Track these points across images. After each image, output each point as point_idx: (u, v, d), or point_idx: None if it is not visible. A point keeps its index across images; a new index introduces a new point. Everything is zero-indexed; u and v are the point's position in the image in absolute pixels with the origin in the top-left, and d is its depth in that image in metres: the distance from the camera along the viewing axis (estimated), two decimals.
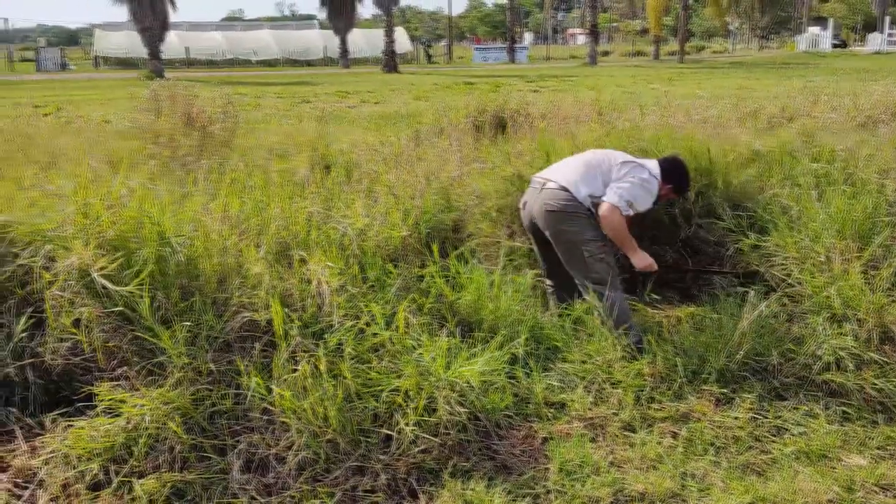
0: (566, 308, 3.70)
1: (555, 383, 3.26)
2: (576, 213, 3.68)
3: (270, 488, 2.63)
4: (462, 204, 4.64)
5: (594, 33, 38.99)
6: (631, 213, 3.73)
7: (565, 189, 3.72)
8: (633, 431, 3.04)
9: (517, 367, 3.26)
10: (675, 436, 3.02)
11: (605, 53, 49.53)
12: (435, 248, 3.77)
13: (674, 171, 3.94)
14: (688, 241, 4.55)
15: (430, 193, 4.63)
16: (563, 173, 3.83)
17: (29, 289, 3.09)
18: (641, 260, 3.76)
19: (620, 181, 3.73)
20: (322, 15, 41.05)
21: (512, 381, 3.19)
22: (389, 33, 34.30)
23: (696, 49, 55.50)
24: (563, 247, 3.73)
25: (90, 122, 8.85)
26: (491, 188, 4.52)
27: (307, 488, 2.62)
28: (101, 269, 2.84)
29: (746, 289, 3.65)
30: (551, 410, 3.14)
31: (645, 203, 3.78)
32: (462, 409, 2.86)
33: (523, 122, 6.64)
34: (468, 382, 2.96)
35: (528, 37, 78.19)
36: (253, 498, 2.57)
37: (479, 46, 55.52)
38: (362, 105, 15.75)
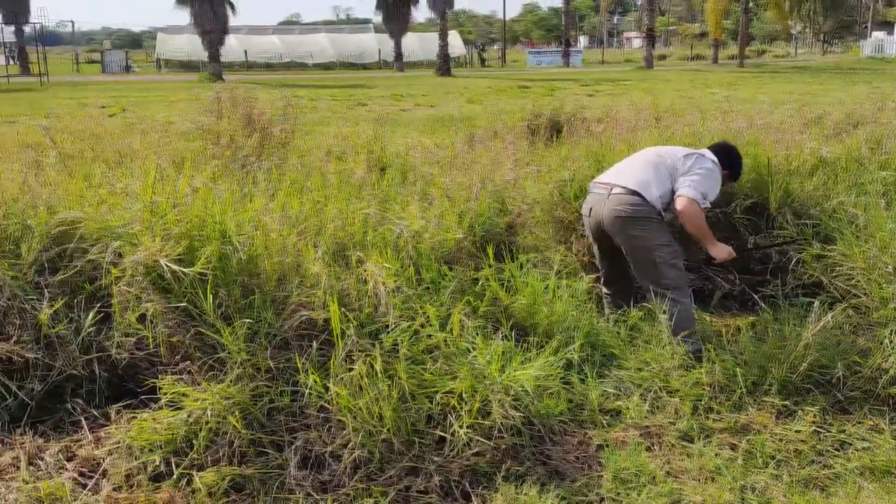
0: (622, 315, 3.66)
1: (610, 390, 3.22)
2: (647, 218, 3.62)
3: (326, 485, 2.66)
4: (517, 208, 4.63)
5: (651, 37, 38.49)
6: (707, 204, 3.65)
7: (636, 193, 3.65)
8: (691, 442, 2.98)
9: (572, 372, 3.23)
10: (734, 447, 2.95)
11: (662, 57, 48.86)
12: (490, 250, 3.76)
13: (728, 157, 3.93)
14: (749, 250, 4.45)
15: (484, 197, 4.64)
16: (630, 176, 3.75)
17: (97, 284, 3.18)
18: (721, 251, 3.68)
19: (690, 174, 3.65)
20: (377, 19, 41.47)
21: (566, 386, 3.17)
22: (443, 37, 34.47)
23: (756, 53, 54.33)
24: (634, 253, 3.68)
25: (154, 122, 9.10)
26: (546, 192, 4.49)
27: (361, 487, 2.64)
28: (167, 256, 2.92)
29: (811, 299, 3.55)
30: (606, 417, 3.11)
31: (714, 192, 3.73)
32: (516, 414, 2.85)
33: (579, 126, 6.60)
34: (522, 387, 2.94)
35: (582, 40, 77.64)
36: (308, 494, 2.61)
37: (533, 50, 55.32)
38: (416, 108, 15.85)
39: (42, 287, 3.14)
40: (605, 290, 4.01)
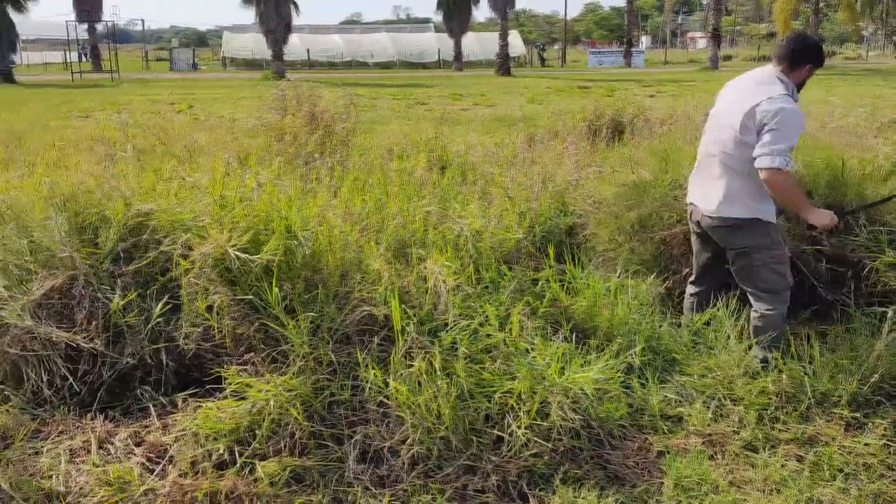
0: (697, 318, 3.57)
1: (672, 396, 3.17)
2: (748, 222, 3.42)
3: (384, 480, 2.68)
4: (578, 209, 4.59)
5: (716, 37, 37.62)
6: (790, 164, 3.27)
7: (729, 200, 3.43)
8: (755, 452, 2.91)
9: (633, 376, 3.19)
10: (800, 459, 2.87)
11: (728, 58, 47.69)
12: (551, 251, 3.74)
13: (805, 49, 3.46)
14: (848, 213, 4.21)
15: (545, 197, 4.62)
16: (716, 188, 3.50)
17: (168, 276, 3.28)
18: (820, 217, 3.36)
19: (763, 135, 3.26)
20: (437, 18, 41.60)
21: (627, 390, 3.13)
22: (503, 36, 34.40)
23: (826, 55, 52.50)
24: (734, 254, 3.52)
25: (220, 119, 9.32)
26: (609, 194, 4.44)
27: (419, 483, 2.66)
28: (235, 246, 2.99)
29: (884, 309, 3.42)
30: (667, 423, 3.05)
31: (799, 124, 3.32)
32: (575, 416, 2.82)
33: (642, 127, 6.50)
34: (582, 389, 2.92)
35: (645, 40, 76.43)
36: (367, 488, 2.63)
37: (594, 50, 54.69)
38: (475, 107, 15.85)
39: (115, 277, 3.24)
40: (690, 289, 3.83)
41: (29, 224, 3.33)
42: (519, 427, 2.77)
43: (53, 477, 2.62)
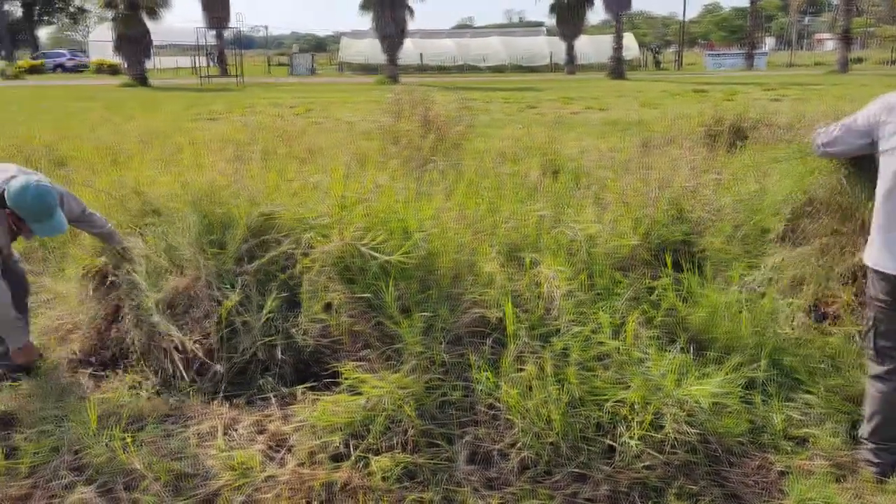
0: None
1: (796, 415, 3.02)
2: None
3: (493, 482, 2.70)
4: (696, 216, 4.45)
5: (846, 39, 35.50)
6: None
7: None
8: (886, 476, 2.73)
9: (754, 392, 3.06)
10: None
11: (858, 60, 44.89)
12: (668, 259, 3.64)
13: None
14: None
15: (662, 203, 4.49)
16: None
17: (288, 273, 3.42)
18: None
19: None
20: (550, 22, 41.37)
21: (747, 406, 3.00)
22: (618, 39, 33.79)
23: None
24: None
25: (337, 122, 9.62)
26: (730, 202, 4.28)
27: (528, 488, 2.65)
28: (363, 243, 3.09)
29: None
30: (790, 444, 2.91)
31: None
32: (691, 430, 2.74)
33: (766, 132, 6.21)
34: (698, 402, 2.83)
35: (768, 42, 73.12)
36: (476, 489, 2.65)
37: (712, 52, 52.84)
38: (587, 111, 15.64)
39: (237, 276, 3.41)
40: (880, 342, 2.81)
41: (168, 220, 3.56)
42: (631, 437, 2.72)
43: (182, 459, 2.79)
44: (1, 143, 7.80)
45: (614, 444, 2.76)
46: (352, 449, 2.76)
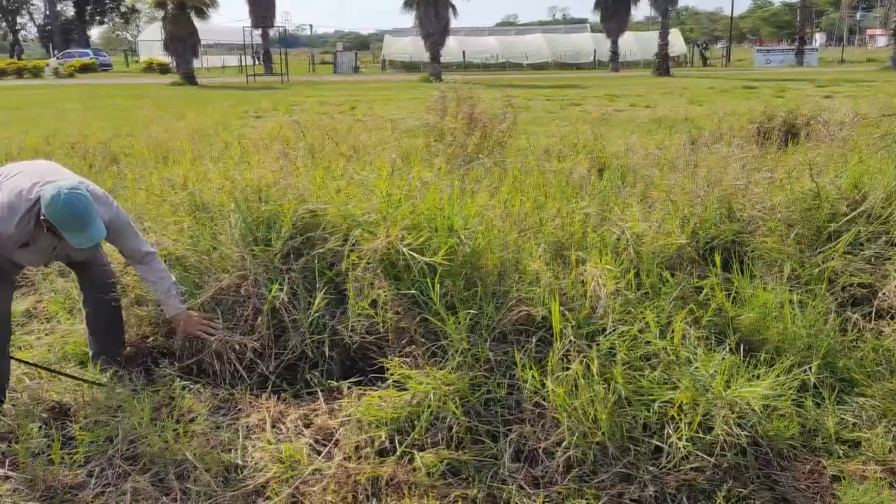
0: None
1: (849, 419, 2.94)
2: None
3: (538, 480, 2.69)
4: (746, 215, 4.36)
5: None
6: None
7: None
8: None
9: (807, 395, 2.99)
10: None
11: None
12: (717, 258, 3.58)
13: None
14: None
15: (711, 201, 4.42)
16: None
17: (335, 270, 3.45)
18: None
19: None
20: (595, 18, 40.97)
21: (798, 409, 2.94)
22: (663, 35, 33.33)
23: None
24: None
25: (381, 120, 9.68)
26: (782, 201, 4.19)
27: (573, 487, 2.63)
28: (407, 245, 3.10)
29: None
30: (843, 447, 2.84)
31: None
32: (741, 432, 2.69)
33: (820, 130, 6.08)
34: (749, 404, 2.78)
35: (818, 38, 71.28)
36: (521, 487, 2.64)
37: (760, 48, 51.73)
38: (631, 109, 15.46)
39: (284, 273, 3.45)
40: None
41: (213, 216, 3.62)
42: (680, 439, 2.68)
43: (232, 451, 2.84)
44: (58, 141, 8.03)
45: (662, 444, 2.73)
46: (397, 444, 2.77)
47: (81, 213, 2.95)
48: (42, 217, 3.00)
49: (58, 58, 47.72)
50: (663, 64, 32.79)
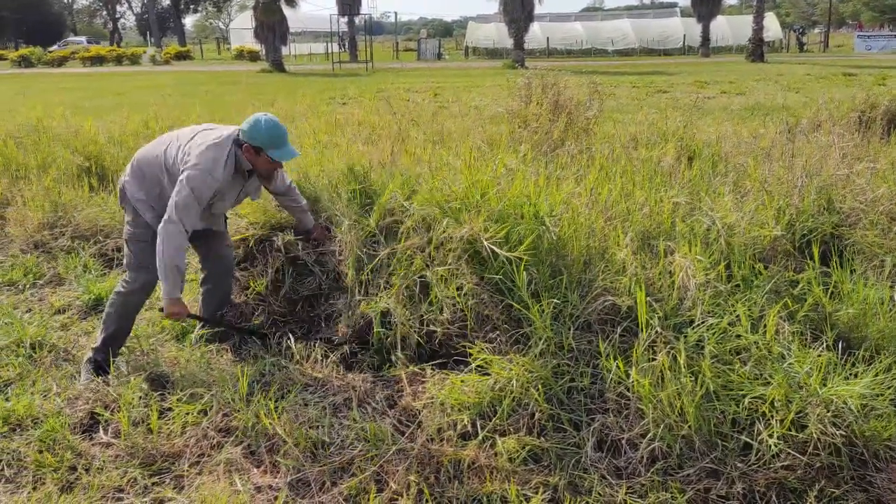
0: None
1: None
2: None
3: (621, 471, 2.66)
4: (846, 207, 4.17)
5: None
6: None
7: None
8: None
9: None
10: None
11: None
12: (815, 251, 3.45)
13: None
14: None
15: (809, 192, 4.24)
16: None
17: (422, 255, 3.49)
18: None
19: None
20: (684, 2, 39.73)
21: None
22: (758, 20, 31.96)
23: None
24: None
25: (465, 106, 9.68)
26: (885, 193, 3.98)
27: (658, 479, 2.60)
28: (490, 238, 3.11)
29: None
30: None
31: None
32: (836, 431, 2.59)
33: None
34: (845, 403, 2.67)
35: None
36: (603, 477, 2.63)
37: (861, 33, 49.04)
38: (721, 96, 14.94)
39: (372, 256, 3.53)
40: None
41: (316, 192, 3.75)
42: (770, 436, 2.60)
43: (319, 428, 2.93)
44: (159, 126, 8.38)
45: (751, 441, 2.65)
46: (479, 428, 2.80)
47: (281, 127, 3.36)
48: (244, 146, 3.33)
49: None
50: (757, 49, 31.47)
